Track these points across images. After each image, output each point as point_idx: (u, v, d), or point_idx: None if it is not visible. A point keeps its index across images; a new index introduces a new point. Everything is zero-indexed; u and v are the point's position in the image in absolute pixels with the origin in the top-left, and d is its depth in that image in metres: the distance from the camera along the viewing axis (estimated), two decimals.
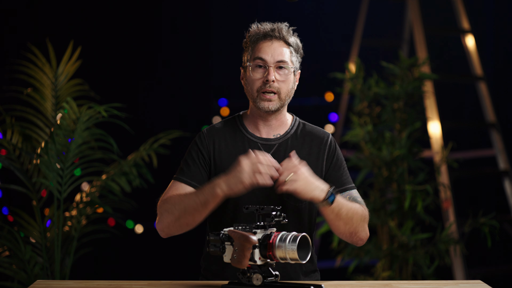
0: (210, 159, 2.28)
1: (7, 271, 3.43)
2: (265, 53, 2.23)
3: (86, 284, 2.19)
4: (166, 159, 4.15)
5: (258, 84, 2.24)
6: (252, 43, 2.27)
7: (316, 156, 2.29)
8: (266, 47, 2.24)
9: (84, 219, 3.55)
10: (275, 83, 2.23)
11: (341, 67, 4.74)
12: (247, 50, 2.29)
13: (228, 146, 2.29)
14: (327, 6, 5.76)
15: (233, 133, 2.31)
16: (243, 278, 2.00)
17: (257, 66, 2.24)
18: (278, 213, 2.01)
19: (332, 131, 5.63)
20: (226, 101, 5.62)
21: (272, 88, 2.22)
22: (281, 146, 2.29)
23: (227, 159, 2.27)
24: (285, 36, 2.25)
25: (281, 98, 2.24)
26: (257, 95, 2.24)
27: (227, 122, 2.35)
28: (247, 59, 2.27)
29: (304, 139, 2.31)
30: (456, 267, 4.20)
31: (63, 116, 3.36)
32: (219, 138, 2.30)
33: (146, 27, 5.42)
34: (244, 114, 2.36)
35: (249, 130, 2.31)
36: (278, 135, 2.31)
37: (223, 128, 2.32)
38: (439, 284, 2.21)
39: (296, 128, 2.33)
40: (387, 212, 4.10)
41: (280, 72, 2.24)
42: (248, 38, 2.29)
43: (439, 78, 4.37)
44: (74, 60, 3.65)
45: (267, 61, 2.23)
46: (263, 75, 2.23)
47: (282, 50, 2.24)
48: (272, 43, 2.24)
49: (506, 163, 4.80)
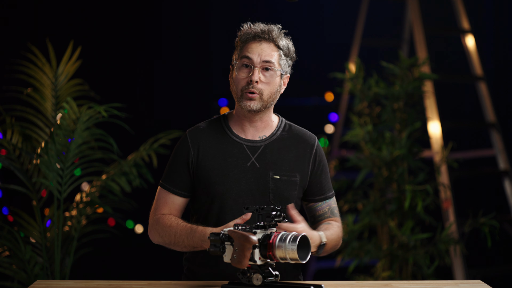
0: (194, 163, 2.27)
1: (7, 271, 3.43)
2: (252, 53, 2.22)
3: (86, 284, 2.19)
4: (166, 159, 4.14)
5: (243, 83, 2.23)
6: (242, 42, 2.26)
7: (302, 159, 2.28)
8: (254, 47, 2.23)
9: (84, 219, 3.55)
10: (259, 84, 2.21)
11: (341, 67, 4.74)
12: (237, 48, 2.28)
13: (212, 148, 2.27)
14: (327, 6, 5.76)
15: (218, 135, 2.29)
16: (243, 278, 2.00)
17: (243, 65, 2.23)
18: (278, 213, 2.01)
19: (332, 131, 5.63)
20: (226, 101, 5.62)
21: (254, 89, 2.21)
22: (266, 148, 2.27)
23: (211, 160, 2.26)
24: (275, 38, 2.23)
25: (263, 99, 2.22)
26: (241, 94, 2.23)
27: (212, 123, 2.33)
28: (235, 57, 2.27)
29: (290, 141, 2.30)
30: (456, 267, 4.20)
31: (63, 116, 3.36)
32: (204, 140, 2.28)
33: (146, 27, 5.42)
34: (229, 115, 2.34)
35: (234, 132, 2.30)
36: (263, 136, 2.29)
37: (207, 129, 2.31)
38: (439, 284, 2.21)
39: (283, 129, 2.32)
40: (387, 212, 4.10)
41: (266, 74, 2.22)
42: (239, 37, 2.28)
43: (439, 78, 4.37)
44: (74, 60, 3.65)
45: (253, 61, 2.21)
46: (248, 75, 2.22)
47: (271, 52, 2.22)
48: (261, 44, 2.23)
49: (506, 163, 4.80)
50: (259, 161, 2.25)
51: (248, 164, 2.24)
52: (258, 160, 2.25)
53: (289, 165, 2.26)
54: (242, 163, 2.24)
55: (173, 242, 2.21)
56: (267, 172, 2.24)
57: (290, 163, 2.26)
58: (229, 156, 2.25)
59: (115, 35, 5.25)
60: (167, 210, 2.28)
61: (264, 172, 2.24)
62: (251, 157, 2.25)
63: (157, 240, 2.27)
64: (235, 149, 2.26)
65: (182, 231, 2.18)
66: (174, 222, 2.22)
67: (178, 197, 2.28)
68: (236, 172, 2.23)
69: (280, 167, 2.25)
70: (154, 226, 2.26)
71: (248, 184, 2.23)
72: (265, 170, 2.24)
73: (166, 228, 2.22)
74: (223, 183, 2.23)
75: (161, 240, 2.25)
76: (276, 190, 2.24)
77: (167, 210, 2.28)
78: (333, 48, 5.69)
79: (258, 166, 2.24)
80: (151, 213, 2.30)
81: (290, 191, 2.25)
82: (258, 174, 2.24)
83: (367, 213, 4.14)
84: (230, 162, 2.24)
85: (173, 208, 2.28)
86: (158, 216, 2.27)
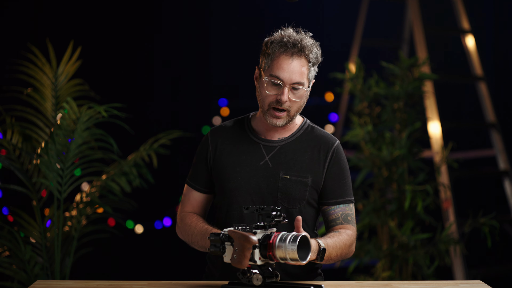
0: (211, 159, 2.31)
1: (7, 271, 3.43)
2: (282, 72, 2.19)
3: (86, 284, 2.19)
4: (166, 159, 4.16)
5: (271, 99, 2.22)
6: (272, 53, 2.21)
7: (317, 161, 2.28)
8: (285, 65, 2.19)
9: (84, 219, 3.55)
10: (288, 102, 2.21)
11: (341, 67, 4.74)
12: (266, 56, 2.23)
13: (229, 145, 2.30)
14: (327, 6, 5.76)
15: (238, 133, 2.32)
16: (243, 278, 2.00)
17: (273, 83, 2.21)
18: (278, 213, 2.01)
19: (332, 131, 5.63)
20: (226, 101, 5.62)
21: (283, 107, 2.21)
22: (282, 148, 2.28)
23: (226, 157, 2.29)
24: (306, 52, 2.21)
25: (290, 115, 2.23)
26: (268, 109, 2.23)
27: (236, 122, 2.37)
28: (264, 67, 2.23)
29: (308, 142, 2.30)
30: (456, 267, 4.20)
31: (63, 116, 3.36)
32: (224, 137, 2.32)
33: (146, 27, 5.42)
34: (253, 116, 2.36)
35: (254, 132, 2.32)
36: (283, 137, 2.30)
37: (230, 128, 2.35)
38: (439, 284, 2.21)
39: (304, 131, 2.32)
40: (387, 212, 4.10)
41: (295, 92, 2.21)
42: (269, 43, 2.23)
43: (439, 78, 4.37)
44: (74, 60, 3.65)
45: (284, 81, 2.19)
46: (277, 93, 2.21)
47: (301, 69, 2.20)
48: (292, 60, 2.20)
49: (506, 163, 4.80)
50: (272, 161, 2.27)
51: (261, 163, 2.26)
52: (272, 160, 2.27)
53: (301, 166, 2.26)
54: (255, 162, 2.27)
55: (191, 241, 2.27)
56: (278, 172, 2.25)
57: (303, 164, 2.26)
58: (243, 154, 2.28)
59: (115, 35, 5.25)
60: (190, 207, 2.34)
61: (275, 172, 2.25)
62: (265, 156, 2.28)
63: (182, 239, 2.33)
64: (251, 148, 2.29)
65: (198, 232, 2.23)
66: (194, 222, 2.27)
67: (199, 194, 2.34)
68: (247, 170, 2.26)
69: (292, 168, 2.26)
70: (179, 224, 2.33)
71: (258, 182, 2.25)
72: (276, 170, 2.26)
73: (186, 227, 2.28)
74: (234, 180, 2.26)
75: (185, 239, 2.31)
76: (284, 189, 2.24)
77: (190, 206, 2.34)
78: (333, 48, 5.69)
79: (271, 165, 2.26)
80: (178, 210, 2.37)
81: (300, 191, 2.25)
82: (269, 173, 2.25)
83: (367, 213, 4.14)
84: (243, 160, 2.27)
85: (195, 205, 2.34)
86: (182, 214, 2.33)
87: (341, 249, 2.19)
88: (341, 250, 2.19)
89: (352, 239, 2.24)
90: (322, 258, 2.06)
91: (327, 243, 2.12)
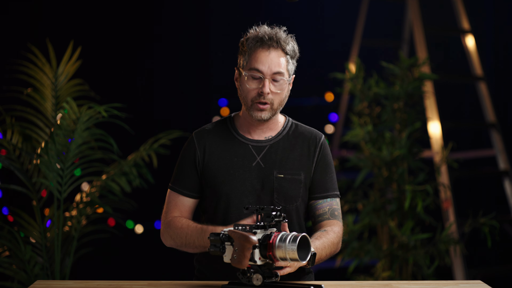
0: (200, 163, 2.29)
1: (7, 271, 3.43)
2: (261, 64, 2.22)
3: (86, 284, 2.19)
4: (166, 159, 4.15)
5: (253, 94, 2.23)
6: (249, 49, 2.24)
7: (307, 158, 2.30)
8: (263, 57, 2.22)
9: (84, 219, 3.55)
10: (270, 94, 2.22)
11: (341, 67, 4.74)
12: (243, 54, 2.26)
13: (218, 149, 2.29)
14: (327, 6, 5.76)
15: (224, 135, 2.31)
16: (243, 278, 2.00)
17: (253, 77, 2.23)
18: (278, 213, 2.01)
19: (332, 131, 5.63)
20: (226, 101, 5.62)
21: (266, 100, 2.22)
22: (272, 147, 2.29)
23: (217, 160, 2.28)
24: (282, 44, 2.23)
25: (273, 108, 2.24)
26: (251, 104, 2.24)
27: (218, 124, 2.35)
28: (243, 64, 2.26)
29: (296, 140, 2.31)
30: (456, 267, 4.20)
31: (63, 116, 3.36)
32: (210, 141, 2.31)
33: (146, 27, 5.42)
34: (235, 116, 2.36)
35: (240, 133, 2.31)
36: (269, 136, 2.31)
37: (213, 130, 2.33)
38: (439, 284, 2.21)
39: (289, 129, 2.33)
40: (387, 212, 4.10)
41: (276, 84, 2.23)
42: (245, 41, 2.26)
43: (439, 78, 4.37)
44: (74, 60, 3.65)
45: (264, 73, 2.21)
46: (258, 86, 2.22)
47: (279, 60, 2.22)
48: (270, 52, 2.22)
49: (506, 163, 4.80)
50: (264, 161, 2.27)
51: (254, 164, 2.27)
52: (263, 160, 2.27)
53: (293, 163, 2.28)
54: (248, 163, 2.27)
55: (184, 243, 2.23)
56: (271, 171, 2.26)
57: (294, 161, 2.28)
58: (234, 156, 2.27)
59: (115, 35, 5.25)
60: (178, 212, 2.30)
61: (268, 171, 2.26)
62: (256, 157, 2.28)
63: (169, 243, 2.29)
64: (241, 149, 2.28)
65: (193, 232, 2.20)
66: (185, 223, 2.24)
67: (188, 199, 2.31)
68: (241, 172, 2.26)
69: (284, 166, 2.27)
70: (166, 230, 2.28)
71: (252, 184, 2.25)
72: (269, 169, 2.26)
73: (177, 230, 2.24)
74: (228, 183, 2.25)
75: (173, 242, 2.27)
76: (280, 189, 2.25)
77: (177, 212, 2.30)
78: (333, 48, 5.69)
79: (263, 165, 2.27)
80: (163, 217, 2.32)
81: (295, 189, 2.26)
82: (263, 174, 2.26)
83: (367, 213, 4.14)
84: (235, 162, 2.27)
85: (183, 210, 2.31)
86: (169, 219, 2.28)
87: (329, 249, 2.19)
88: (330, 250, 2.20)
89: (339, 236, 2.25)
90: (313, 262, 2.05)
91: (316, 247, 2.12)
